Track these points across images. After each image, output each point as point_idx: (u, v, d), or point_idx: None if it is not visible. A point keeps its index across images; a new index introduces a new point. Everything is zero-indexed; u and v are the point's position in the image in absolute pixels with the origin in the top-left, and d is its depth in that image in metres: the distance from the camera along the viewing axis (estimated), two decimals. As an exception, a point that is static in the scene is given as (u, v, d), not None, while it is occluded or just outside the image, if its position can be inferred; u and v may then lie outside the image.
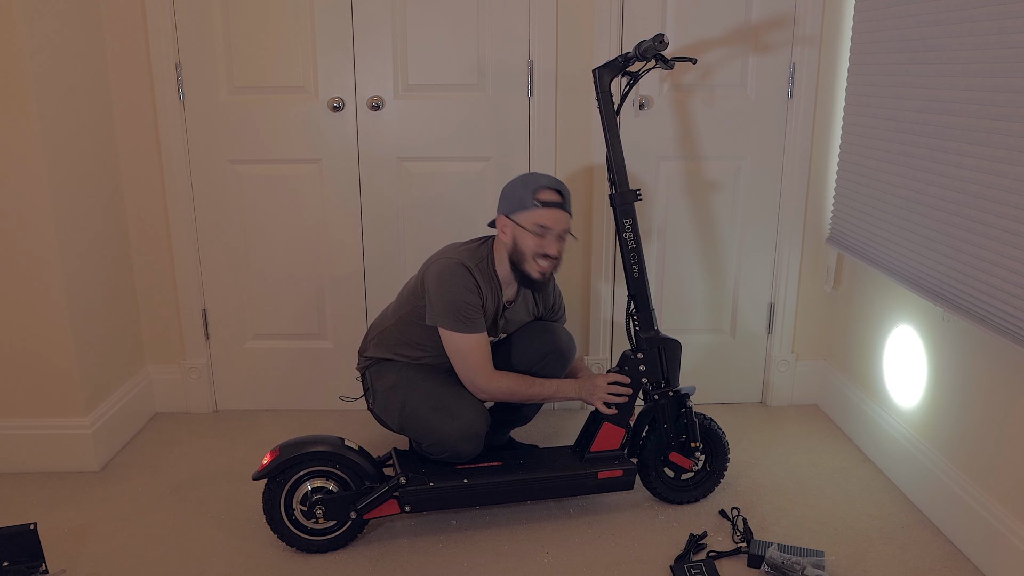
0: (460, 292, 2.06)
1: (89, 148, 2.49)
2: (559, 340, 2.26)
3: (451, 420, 2.09)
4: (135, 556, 2.05)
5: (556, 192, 2.08)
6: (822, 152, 2.71)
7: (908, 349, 2.33)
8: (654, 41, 2.00)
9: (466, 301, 2.06)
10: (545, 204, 2.05)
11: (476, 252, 2.14)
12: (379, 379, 2.22)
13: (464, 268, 2.08)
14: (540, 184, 2.07)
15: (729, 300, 2.87)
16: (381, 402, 2.21)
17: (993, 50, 1.82)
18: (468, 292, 2.06)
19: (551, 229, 2.06)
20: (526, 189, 2.07)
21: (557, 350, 2.25)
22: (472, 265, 2.10)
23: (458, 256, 2.11)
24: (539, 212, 2.05)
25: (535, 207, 2.05)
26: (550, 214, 2.05)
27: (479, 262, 2.12)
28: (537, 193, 2.06)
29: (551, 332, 2.27)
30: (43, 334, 2.37)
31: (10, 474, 2.44)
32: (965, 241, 1.94)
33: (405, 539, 2.13)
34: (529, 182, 2.08)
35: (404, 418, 2.15)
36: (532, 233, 2.06)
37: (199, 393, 2.88)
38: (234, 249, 2.77)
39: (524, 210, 2.06)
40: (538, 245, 2.06)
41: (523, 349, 2.24)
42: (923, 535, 2.14)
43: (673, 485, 2.27)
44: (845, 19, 2.57)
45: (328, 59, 2.60)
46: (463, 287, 2.06)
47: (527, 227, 2.06)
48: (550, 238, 2.06)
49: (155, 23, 2.54)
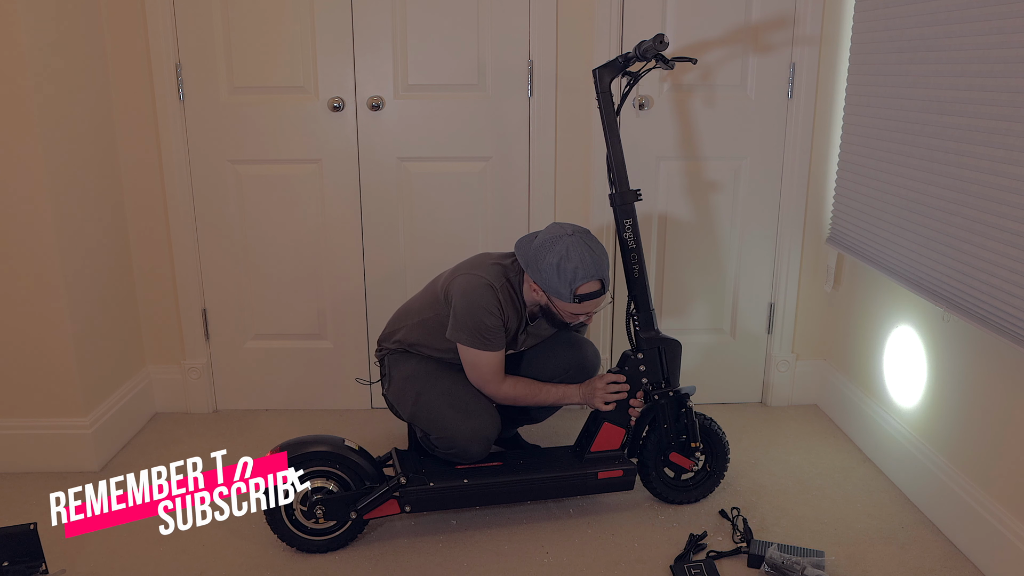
0: (482, 315, 2.04)
1: (89, 148, 2.49)
2: (585, 356, 2.27)
3: (466, 420, 2.09)
4: (135, 556, 2.05)
5: (597, 282, 1.99)
6: (822, 152, 2.70)
7: (908, 349, 2.33)
8: (654, 41, 2.00)
9: (487, 324, 2.05)
10: (584, 299, 1.98)
11: (505, 272, 2.11)
12: (397, 367, 2.23)
13: (491, 290, 2.06)
14: (579, 279, 1.95)
15: (729, 300, 2.87)
16: (396, 389, 2.22)
17: (993, 50, 1.82)
18: (490, 315, 2.05)
19: (588, 312, 2.05)
20: (563, 282, 1.95)
21: (581, 366, 2.26)
22: (499, 285, 2.08)
23: (487, 275, 2.08)
24: (575, 305, 2.00)
25: (574, 302, 1.99)
26: (588, 306, 2.01)
27: (507, 282, 2.10)
28: (577, 290, 1.96)
29: (577, 347, 2.28)
30: (43, 334, 2.37)
31: (10, 474, 2.44)
32: (965, 241, 1.94)
33: (405, 539, 2.13)
34: (567, 273, 1.94)
35: (417, 408, 2.15)
36: (567, 317, 2.05)
37: (199, 393, 2.88)
38: (234, 249, 2.77)
39: (561, 299, 1.99)
40: (574, 318, 2.06)
41: (547, 361, 2.26)
42: (923, 535, 2.14)
43: (673, 485, 2.27)
44: (845, 19, 2.57)
45: (328, 59, 2.60)
46: (486, 310, 2.05)
47: (563, 310, 2.03)
48: (583, 316, 2.06)
49: (155, 23, 2.54)
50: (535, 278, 2.02)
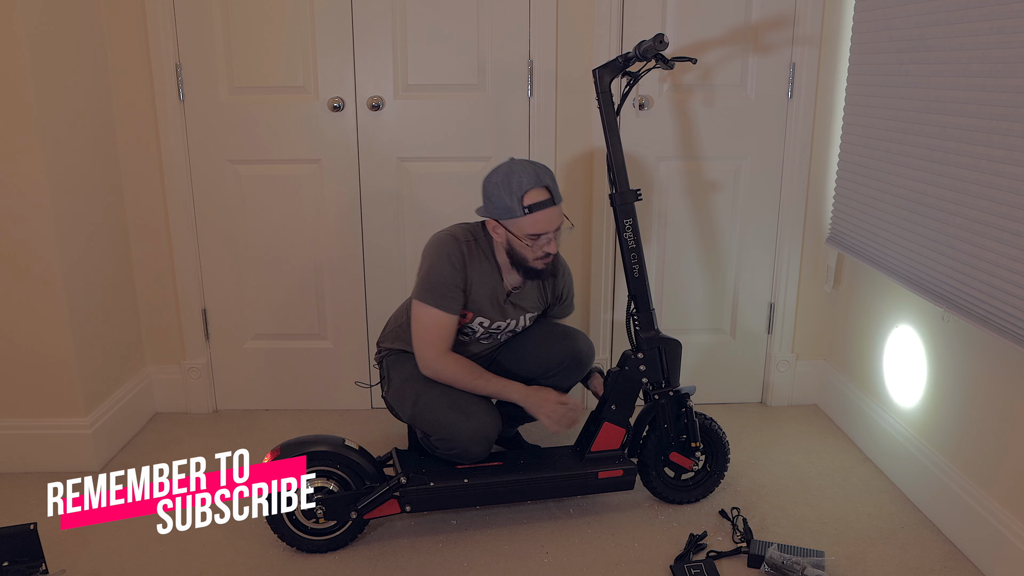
0: (443, 264, 2.03)
1: (89, 148, 2.49)
2: (578, 347, 2.24)
3: (466, 420, 2.08)
4: (135, 556, 2.05)
5: (543, 189, 1.99)
6: (822, 152, 2.71)
7: (908, 349, 2.33)
8: (654, 41, 2.00)
9: (445, 275, 2.02)
10: (534, 208, 1.98)
11: (472, 230, 2.11)
12: (396, 369, 2.22)
13: (453, 240, 2.06)
14: (524, 186, 1.97)
15: (729, 300, 2.87)
16: (396, 391, 2.21)
17: (993, 50, 1.82)
18: (450, 266, 2.03)
19: (545, 233, 2.02)
20: (511, 195, 1.97)
21: (576, 357, 2.24)
22: (464, 240, 2.07)
23: (452, 230, 2.09)
24: (529, 219, 1.98)
25: (524, 214, 1.98)
26: (542, 218, 1.99)
27: (475, 239, 2.09)
28: (524, 198, 1.97)
29: (571, 338, 2.26)
30: (43, 334, 2.37)
31: (10, 474, 2.44)
32: (965, 241, 1.94)
33: (405, 539, 2.13)
34: (512, 185, 1.97)
35: (417, 410, 2.14)
36: (527, 242, 2.02)
37: (199, 393, 2.88)
38: (234, 249, 2.77)
39: (513, 218, 1.99)
40: (536, 250, 2.03)
41: (542, 353, 2.24)
42: (923, 535, 2.14)
43: (673, 485, 2.27)
44: (845, 19, 2.57)
45: (328, 59, 2.60)
46: (447, 259, 2.03)
47: (521, 238, 2.01)
48: (545, 240, 2.03)
49: (155, 23, 2.54)
50: (489, 212, 2.03)
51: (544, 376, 2.23)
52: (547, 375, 2.23)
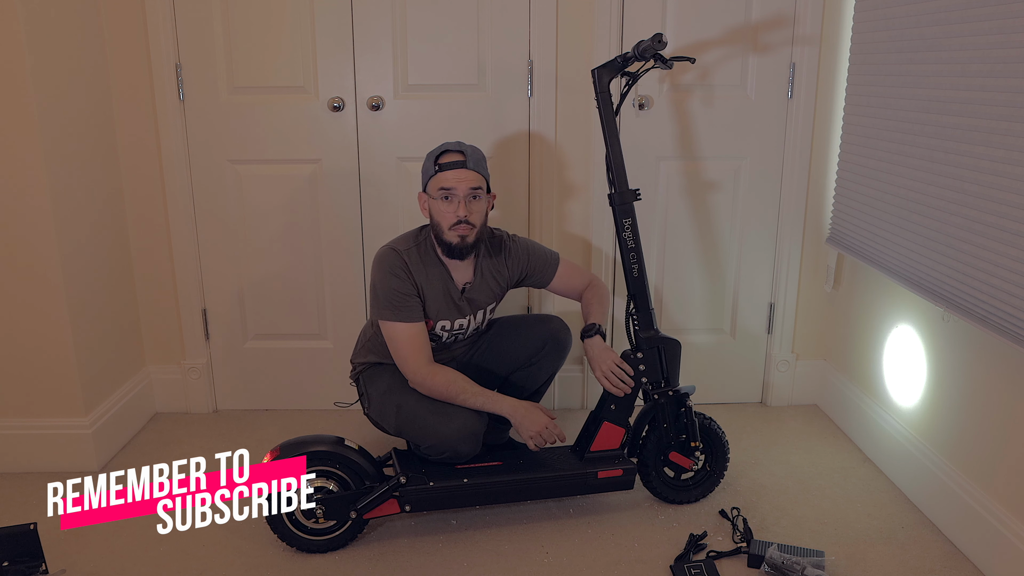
0: (387, 278, 2.06)
1: (89, 148, 2.49)
2: (555, 328, 2.29)
3: (449, 421, 2.08)
4: (135, 556, 2.05)
5: (457, 152, 2.06)
6: (822, 152, 2.70)
7: (908, 349, 2.33)
8: (653, 41, 2.00)
9: (393, 287, 2.05)
10: (444, 167, 2.04)
11: (414, 236, 2.15)
12: (372, 384, 2.22)
13: (393, 252, 2.09)
14: (441, 149, 2.08)
15: (729, 300, 2.87)
16: (376, 406, 2.21)
17: (993, 50, 1.82)
18: (394, 277, 2.05)
19: (455, 190, 2.04)
20: (429, 158, 2.09)
21: (555, 338, 2.28)
22: (404, 248, 2.09)
23: (392, 243, 2.13)
24: (440, 176, 2.05)
25: (436, 172, 2.05)
26: (451, 175, 2.04)
27: (416, 245, 2.12)
28: (438, 158, 2.06)
29: (545, 322, 2.31)
30: (43, 334, 2.37)
31: (10, 474, 2.44)
32: (965, 241, 1.94)
33: (405, 539, 2.13)
34: (435, 152, 2.08)
35: (401, 421, 2.14)
36: (440, 200, 2.05)
37: (199, 393, 2.88)
38: (234, 249, 2.77)
39: (429, 178, 2.08)
40: (448, 210, 2.05)
41: (521, 341, 2.27)
42: (923, 535, 2.14)
43: (673, 485, 2.27)
44: (845, 19, 2.57)
45: (328, 59, 2.60)
46: (389, 272, 2.06)
47: (434, 195, 2.06)
48: (456, 201, 2.04)
49: (155, 23, 2.54)
50: (422, 186, 2.11)
51: (528, 364, 2.26)
52: (531, 362, 2.26)
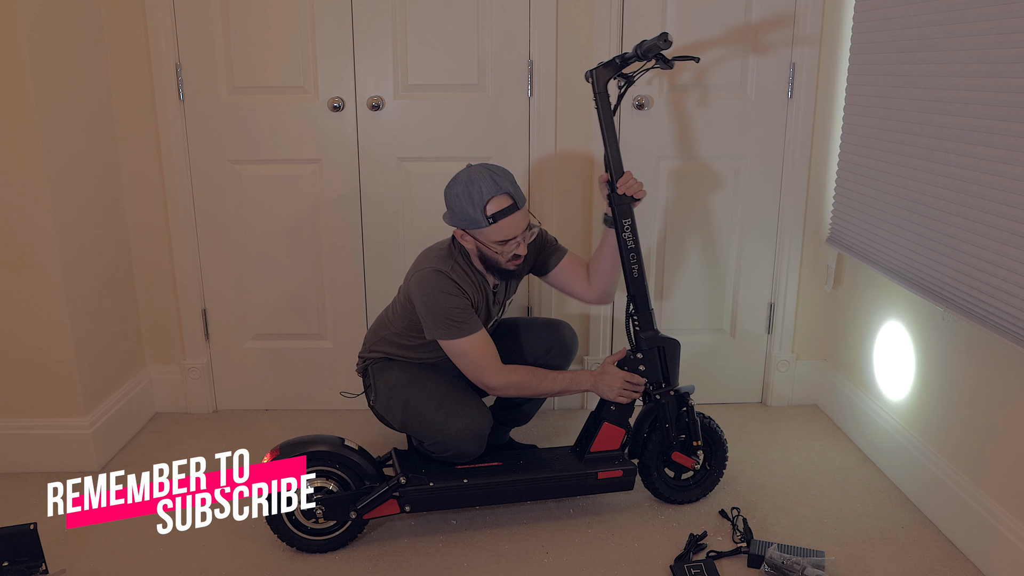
0: (444, 299, 2.03)
1: (89, 148, 2.49)
2: (563, 334, 2.30)
3: (455, 420, 2.08)
4: (135, 556, 2.05)
5: (503, 196, 1.97)
6: (822, 152, 2.70)
7: (907, 349, 2.33)
8: (658, 39, 2.00)
9: (452, 306, 2.03)
10: (497, 217, 1.96)
11: (448, 253, 2.10)
12: (381, 377, 2.22)
13: (439, 274, 2.04)
14: (485, 195, 1.95)
15: (729, 300, 2.87)
16: (383, 400, 2.21)
17: (993, 50, 1.82)
18: (452, 296, 2.03)
19: (513, 238, 2.01)
20: (473, 206, 1.96)
21: (560, 343, 2.28)
22: (448, 268, 2.06)
23: (432, 264, 2.07)
24: (494, 228, 1.97)
25: (490, 224, 1.96)
26: (507, 225, 1.97)
27: (456, 263, 2.09)
28: (486, 208, 1.95)
29: (554, 328, 2.31)
30: (43, 334, 2.37)
31: (10, 474, 2.44)
32: (965, 241, 1.94)
33: (405, 539, 2.13)
34: (473, 195, 1.96)
35: (407, 416, 2.15)
36: (496, 248, 2.01)
37: (199, 393, 2.88)
38: (234, 249, 2.77)
39: (478, 228, 1.98)
40: (508, 251, 2.02)
41: (528, 346, 2.27)
42: (923, 535, 2.14)
43: (673, 485, 2.28)
44: (845, 19, 2.57)
45: (328, 59, 2.60)
46: (445, 293, 2.03)
47: (489, 245, 2.01)
48: (514, 244, 2.02)
49: (155, 23, 2.54)
50: (455, 222, 2.03)
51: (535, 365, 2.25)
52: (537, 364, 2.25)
